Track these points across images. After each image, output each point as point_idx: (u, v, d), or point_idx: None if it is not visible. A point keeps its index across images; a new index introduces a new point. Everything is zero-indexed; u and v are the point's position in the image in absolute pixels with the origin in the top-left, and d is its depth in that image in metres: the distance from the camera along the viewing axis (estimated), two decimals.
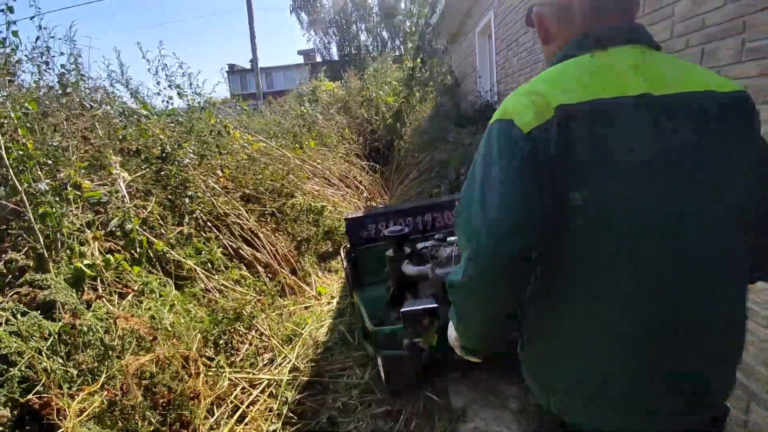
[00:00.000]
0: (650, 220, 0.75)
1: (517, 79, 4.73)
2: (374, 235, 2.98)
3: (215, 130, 4.08)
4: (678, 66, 0.82)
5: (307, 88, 11.74)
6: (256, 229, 3.70)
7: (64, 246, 2.04)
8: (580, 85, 0.77)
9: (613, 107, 0.75)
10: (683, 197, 0.75)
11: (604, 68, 0.80)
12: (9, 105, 2.25)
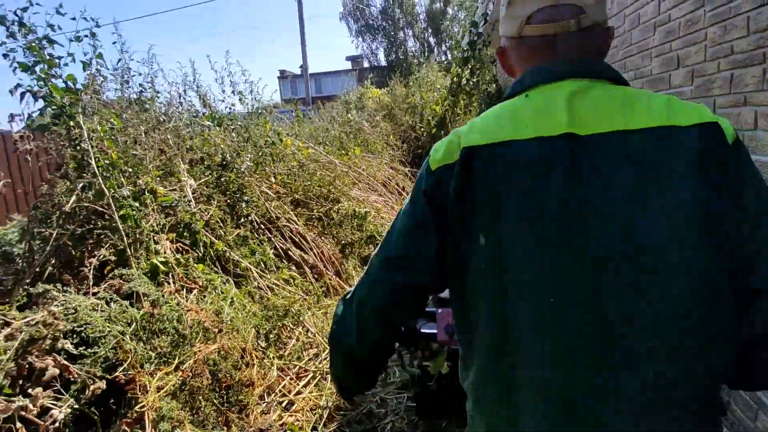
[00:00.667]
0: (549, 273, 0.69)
1: None
2: None
3: (269, 139, 4.40)
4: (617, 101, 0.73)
5: (353, 96, 12.11)
6: (304, 232, 3.96)
7: (143, 244, 2.36)
8: (498, 126, 0.75)
9: (523, 149, 0.72)
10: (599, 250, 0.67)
11: (530, 108, 0.76)
12: (96, 120, 2.61)
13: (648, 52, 2.68)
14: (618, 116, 0.71)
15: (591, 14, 0.78)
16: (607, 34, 0.83)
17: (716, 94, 2.05)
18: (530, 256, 0.69)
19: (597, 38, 0.81)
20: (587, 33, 0.79)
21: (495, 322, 0.72)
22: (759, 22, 1.73)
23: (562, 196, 0.68)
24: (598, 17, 0.80)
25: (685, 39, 2.29)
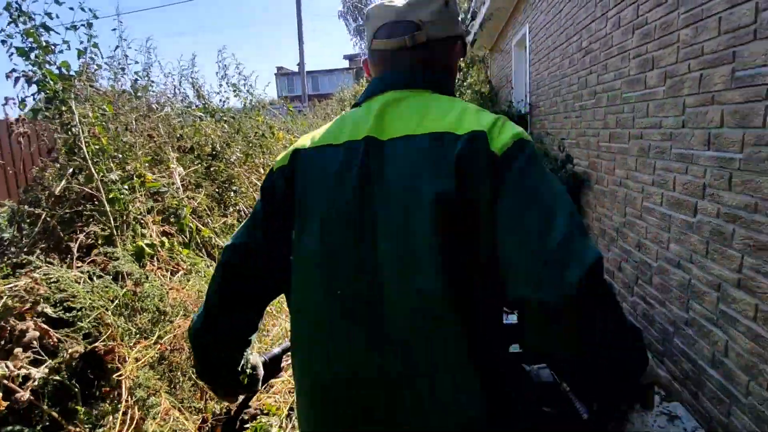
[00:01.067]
0: (340, 267, 0.75)
1: (547, 92, 4.85)
2: None
3: (260, 132, 4.45)
4: (425, 109, 0.79)
5: (348, 93, 12.19)
6: None
7: (129, 227, 2.41)
8: (329, 132, 0.84)
9: (334, 152, 0.79)
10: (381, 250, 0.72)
11: (356, 116, 0.84)
12: (89, 106, 2.66)
13: (627, 53, 2.77)
14: (412, 123, 0.77)
15: (428, 31, 0.85)
16: (453, 47, 0.90)
17: (686, 94, 2.13)
18: (315, 253, 0.77)
19: (436, 53, 0.87)
20: (424, 48, 0.85)
21: (292, 314, 0.83)
22: (731, 22, 1.81)
23: (351, 196, 0.75)
24: (437, 33, 0.86)
25: (660, 41, 2.37)
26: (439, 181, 0.70)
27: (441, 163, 0.71)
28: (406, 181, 0.72)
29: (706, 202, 2.00)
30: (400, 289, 0.71)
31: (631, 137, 2.75)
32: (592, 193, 3.53)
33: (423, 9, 0.85)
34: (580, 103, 3.72)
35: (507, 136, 0.72)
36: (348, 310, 0.74)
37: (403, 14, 0.85)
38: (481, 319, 0.71)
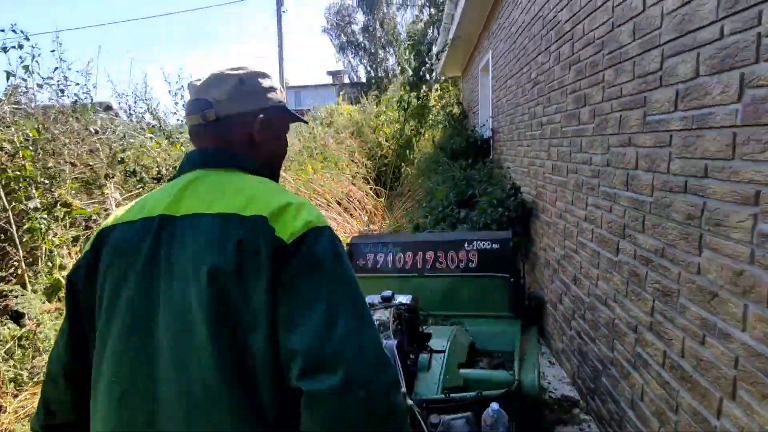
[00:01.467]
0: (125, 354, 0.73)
1: (505, 118, 4.90)
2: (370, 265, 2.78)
3: None
4: (223, 189, 0.79)
5: (324, 111, 12.17)
6: None
7: (45, 259, 2.31)
8: (132, 208, 0.84)
9: (130, 229, 0.78)
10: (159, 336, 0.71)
11: (161, 191, 0.85)
12: (13, 130, 2.56)
13: (565, 88, 2.80)
14: (206, 202, 0.77)
15: (219, 108, 0.86)
16: (253, 122, 0.88)
17: (609, 133, 2.15)
18: (105, 342, 0.75)
19: (230, 130, 0.87)
20: (219, 125, 0.86)
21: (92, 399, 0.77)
22: (642, 67, 1.83)
23: (140, 278, 0.74)
24: (230, 110, 0.86)
25: (589, 79, 2.40)
26: (218, 258, 0.69)
27: (224, 244, 0.70)
28: (189, 262, 0.71)
29: (626, 243, 2.00)
30: (175, 377, 0.69)
31: (569, 171, 2.76)
32: (539, 222, 3.54)
33: (216, 88, 0.87)
34: (530, 132, 3.76)
35: (299, 223, 0.71)
36: (127, 405, 0.71)
37: (200, 92, 0.87)
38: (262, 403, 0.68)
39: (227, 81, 0.87)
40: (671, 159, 1.61)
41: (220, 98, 0.86)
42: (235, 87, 0.87)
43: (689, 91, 1.50)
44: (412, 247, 2.78)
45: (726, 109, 1.32)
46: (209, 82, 0.88)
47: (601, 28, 2.23)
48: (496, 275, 2.54)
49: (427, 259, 2.71)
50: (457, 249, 2.68)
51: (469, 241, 2.70)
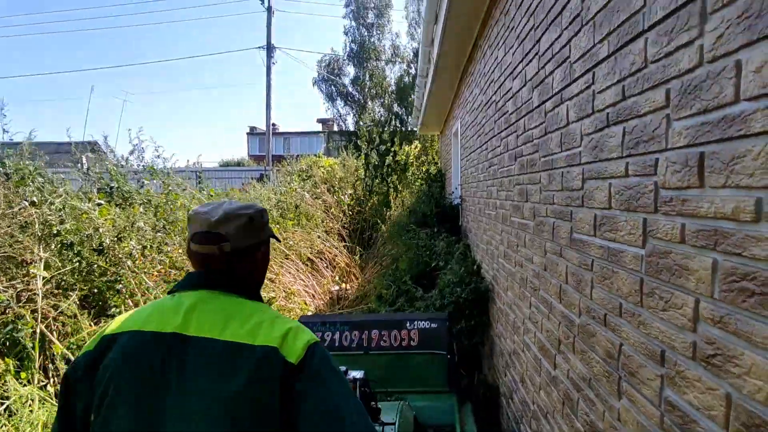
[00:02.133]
0: None
1: (470, 190, 4.89)
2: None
3: (163, 222, 4.25)
4: (229, 314, 0.93)
5: (305, 163, 12.23)
6: None
7: None
8: (136, 317, 0.94)
9: (139, 339, 0.89)
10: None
11: (164, 304, 0.96)
12: None
13: (512, 178, 2.77)
14: (217, 327, 0.90)
15: (233, 242, 1.02)
16: (256, 252, 1.09)
17: (546, 238, 2.08)
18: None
19: (242, 259, 1.05)
20: (231, 255, 1.03)
21: None
22: (568, 181, 1.78)
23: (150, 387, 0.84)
24: (240, 244, 1.03)
25: (530, 176, 2.36)
26: (233, 386, 0.83)
27: (237, 372, 0.84)
28: (204, 384, 0.84)
29: (560, 359, 1.88)
30: None
31: (516, 263, 2.68)
32: (495, 307, 3.42)
33: (230, 224, 1.03)
34: (488, 211, 3.71)
35: (300, 345, 0.90)
36: None
37: (214, 226, 1.02)
38: None
39: (239, 219, 1.04)
40: (593, 285, 1.53)
41: (233, 234, 1.02)
42: (246, 225, 1.05)
43: (604, 220, 1.43)
44: (359, 326, 2.97)
45: (633, 250, 1.24)
46: (222, 219, 1.02)
47: (536, 129, 2.21)
48: (434, 352, 2.79)
49: (372, 337, 2.91)
50: (400, 328, 2.90)
51: (410, 320, 2.93)
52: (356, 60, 29.06)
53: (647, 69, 1.16)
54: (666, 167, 1.08)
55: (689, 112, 0.99)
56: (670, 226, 1.06)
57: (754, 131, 0.80)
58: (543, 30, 2.07)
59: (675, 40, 1.04)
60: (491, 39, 3.40)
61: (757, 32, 0.79)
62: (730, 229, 0.86)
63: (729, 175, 0.87)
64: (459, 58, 4.98)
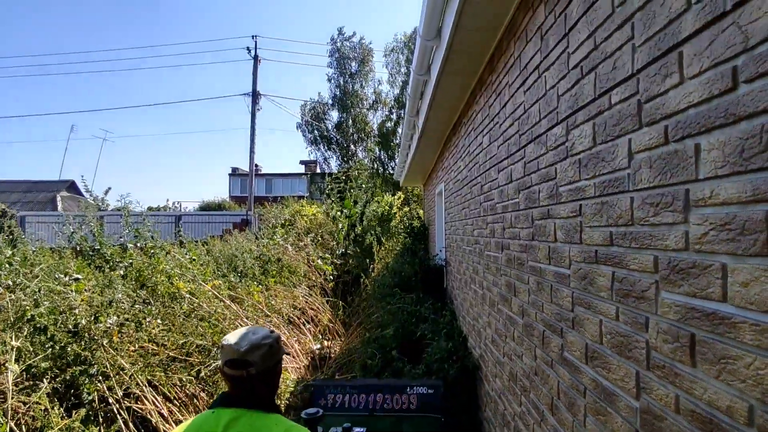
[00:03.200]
0: None
1: (455, 256, 4.93)
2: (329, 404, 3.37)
3: (147, 287, 4.13)
4: (255, 427, 1.35)
5: (289, 212, 12.20)
6: (163, 408, 3.56)
7: None
8: (190, 426, 1.37)
9: None
10: None
11: (208, 419, 1.37)
12: None
13: (498, 267, 2.81)
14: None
15: (257, 367, 1.42)
16: (275, 370, 1.51)
17: (536, 343, 2.09)
18: None
19: (262, 381, 1.44)
20: (255, 377, 1.41)
21: None
22: (558, 299, 1.81)
23: None
24: (263, 367, 1.44)
25: (517, 273, 2.40)
26: None
27: None
28: None
29: None
30: None
31: (504, 354, 2.68)
32: (483, 388, 3.38)
33: (255, 353, 1.43)
34: (474, 287, 3.74)
35: None
36: None
37: (242, 355, 1.41)
38: None
39: (261, 348, 1.44)
40: (586, 414, 1.53)
41: (257, 360, 1.42)
42: (268, 351, 1.46)
43: (596, 354, 1.45)
44: (364, 389, 3.40)
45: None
46: (248, 350, 1.42)
47: (523, 231, 2.27)
48: (430, 415, 3.26)
49: (377, 400, 3.33)
50: (401, 392, 3.35)
51: (410, 386, 3.38)
52: (339, 105, 29.73)
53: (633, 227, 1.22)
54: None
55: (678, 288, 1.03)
56: None
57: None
58: (528, 140, 2.17)
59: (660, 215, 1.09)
60: (476, 123, 3.53)
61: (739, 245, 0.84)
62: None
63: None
64: (443, 130, 5.14)
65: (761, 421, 0.81)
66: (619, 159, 1.30)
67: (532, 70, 2.11)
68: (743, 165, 0.84)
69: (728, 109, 0.88)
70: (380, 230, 10.05)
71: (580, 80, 1.57)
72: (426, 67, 3.72)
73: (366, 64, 29.36)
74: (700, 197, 0.96)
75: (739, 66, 0.86)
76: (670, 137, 1.06)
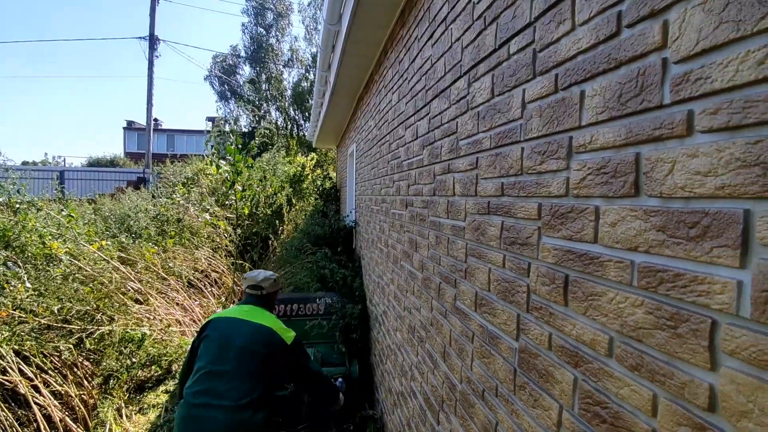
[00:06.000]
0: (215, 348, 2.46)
1: (363, 216, 4.93)
2: None
3: (12, 247, 3.61)
4: (261, 315, 2.63)
5: (191, 170, 11.35)
6: (35, 377, 3.18)
7: None
8: (221, 312, 2.69)
9: (223, 320, 2.60)
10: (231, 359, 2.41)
11: (234, 308, 2.72)
12: None
13: (402, 224, 2.83)
14: (253, 318, 2.59)
15: (266, 290, 2.83)
16: (275, 293, 2.94)
17: (432, 296, 2.15)
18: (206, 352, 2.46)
19: (267, 298, 2.86)
20: (263, 294, 2.83)
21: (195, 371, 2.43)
22: (454, 251, 1.85)
23: (225, 340, 2.47)
24: (269, 290, 2.85)
25: (419, 230, 2.43)
26: (260, 342, 2.48)
27: (259, 337, 2.50)
28: (246, 337, 2.46)
29: (443, 417, 1.95)
30: (235, 359, 2.40)
31: (404, 308, 2.74)
32: (385, 341, 3.47)
33: (265, 282, 2.82)
34: (380, 246, 3.76)
35: (290, 335, 2.60)
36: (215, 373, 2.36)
37: (258, 282, 2.81)
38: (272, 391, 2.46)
39: (269, 279, 2.84)
40: (473, 359, 1.60)
41: (267, 286, 2.82)
42: (272, 282, 2.86)
43: (483, 300, 1.51)
44: (282, 302, 4.42)
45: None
46: (263, 279, 2.82)
47: (426, 187, 2.28)
48: (332, 316, 4.37)
49: (293, 309, 4.43)
50: (312, 302, 4.46)
51: (318, 298, 4.49)
52: (253, 60, 27.92)
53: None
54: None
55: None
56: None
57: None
58: (433, 95, 2.15)
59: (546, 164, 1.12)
60: (387, 80, 3.46)
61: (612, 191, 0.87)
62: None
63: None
64: (356, 87, 5.00)
65: (619, 351, 0.87)
66: (514, 110, 1.31)
67: (439, 23, 2.07)
68: (620, 110, 0.87)
69: (611, 54, 0.90)
70: (291, 191, 9.75)
71: (482, 31, 1.56)
72: (337, 17, 3.53)
73: (284, 18, 27.68)
74: (581, 143, 0.99)
75: (624, 11, 0.87)
76: (559, 85, 1.08)
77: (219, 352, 2.37)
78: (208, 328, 2.53)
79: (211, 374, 2.30)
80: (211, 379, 2.29)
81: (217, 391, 2.24)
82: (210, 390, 2.25)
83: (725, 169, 0.66)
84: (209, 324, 2.56)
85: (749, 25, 0.63)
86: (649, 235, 0.79)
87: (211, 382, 2.28)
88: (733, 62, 0.65)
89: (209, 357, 2.37)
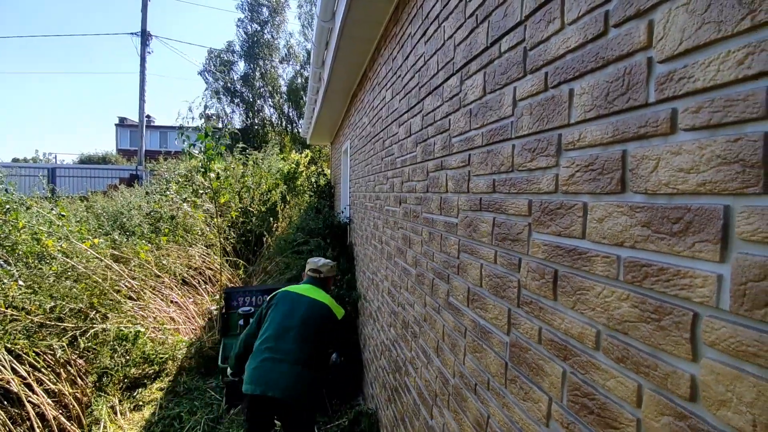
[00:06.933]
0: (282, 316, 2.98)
1: (357, 213, 4.94)
2: (240, 304, 4.87)
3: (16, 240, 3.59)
4: (319, 293, 3.16)
5: (185, 167, 11.27)
6: (28, 375, 3.17)
7: None
8: (292, 287, 3.24)
9: (290, 294, 3.13)
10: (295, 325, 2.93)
11: (298, 286, 3.24)
12: None
13: (396, 221, 2.85)
14: (313, 295, 3.12)
15: (324, 275, 3.37)
16: (331, 278, 3.47)
17: (426, 291, 2.17)
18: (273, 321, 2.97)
19: (325, 281, 3.38)
20: (322, 277, 3.36)
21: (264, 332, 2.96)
22: (446, 246, 1.87)
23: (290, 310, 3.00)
24: (327, 275, 3.39)
25: (413, 226, 2.44)
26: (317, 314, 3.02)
27: (318, 311, 3.04)
28: (307, 310, 3.00)
29: (436, 412, 1.97)
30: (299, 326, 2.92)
31: (398, 304, 2.76)
32: (379, 339, 3.49)
33: (324, 267, 3.36)
34: (375, 242, 3.78)
35: (341, 312, 3.16)
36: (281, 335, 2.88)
37: (319, 267, 3.36)
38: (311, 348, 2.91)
39: (328, 265, 3.39)
40: (466, 353, 1.62)
41: (325, 270, 3.36)
42: (330, 268, 3.41)
43: (475, 296, 1.53)
44: (268, 291, 4.63)
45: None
46: (322, 265, 3.37)
47: (419, 184, 2.29)
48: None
49: None
50: None
51: None
52: (248, 55, 27.76)
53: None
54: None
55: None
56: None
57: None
58: (426, 92, 2.16)
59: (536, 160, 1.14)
60: (380, 77, 3.47)
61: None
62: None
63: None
64: (349, 84, 5.00)
65: (605, 344, 0.89)
66: (505, 107, 1.32)
67: (432, 20, 2.08)
68: (607, 108, 0.89)
69: (599, 53, 0.91)
70: (286, 188, 9.74)
71: (475, 29, 1.57)
72: (330, 13, 3.53)
73: (279, 14, 27.50)
74: (570, 140, 1.00)
75: (611, 10, 0.88)
76: (549, 83, 1.09)
77: (285, 319, 2.91)
78: (277, 298, 3.08)
79: (278, 337, 2.82)
80: (277, 340, 2.81)
81: (282, 349, 2.77)
82: (277, 348, 2.78)
83: (707, 166, 0.68)
84: (279, 295, 3.11)
85: (730, 26, 0.64)
86: (635, 230, 0.81)
87: (277, 342, 2.80)
88: (715, 62, 0.67)
89: (278, 322, 2.91)
